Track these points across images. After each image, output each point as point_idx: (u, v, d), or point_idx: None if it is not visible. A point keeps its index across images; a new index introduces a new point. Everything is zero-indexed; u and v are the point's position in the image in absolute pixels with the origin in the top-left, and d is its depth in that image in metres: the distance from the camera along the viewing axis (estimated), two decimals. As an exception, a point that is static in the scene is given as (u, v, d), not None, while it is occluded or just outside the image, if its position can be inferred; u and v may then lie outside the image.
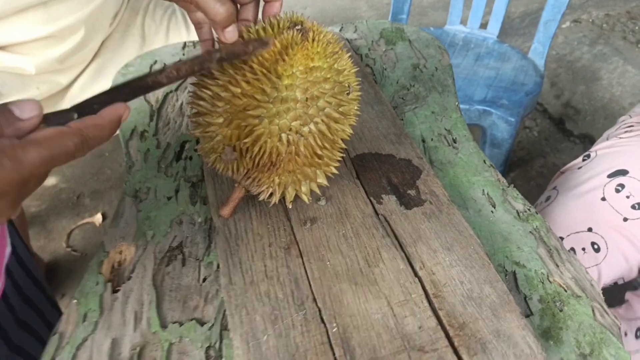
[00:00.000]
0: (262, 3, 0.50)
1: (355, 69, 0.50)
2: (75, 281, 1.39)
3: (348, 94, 0.47)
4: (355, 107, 0.49)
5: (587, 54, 1.93)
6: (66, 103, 1.15)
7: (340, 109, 0.47)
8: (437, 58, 0.80)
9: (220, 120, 0.46)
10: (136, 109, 0.71)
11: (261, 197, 0.51)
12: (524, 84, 1.23)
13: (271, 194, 0.51)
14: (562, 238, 0.77)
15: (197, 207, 0.57)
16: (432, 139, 0.65)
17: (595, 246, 0.75)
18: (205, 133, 0.47)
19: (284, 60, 0.44)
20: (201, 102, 0.47)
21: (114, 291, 0.50)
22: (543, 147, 1.80)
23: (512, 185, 0.59)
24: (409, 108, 0.70)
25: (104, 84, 1.16)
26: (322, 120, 0.46)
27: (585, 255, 0.76)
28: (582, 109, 1.82)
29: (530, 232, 0.54)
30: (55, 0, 1.00)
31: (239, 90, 0.44)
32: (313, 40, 0.46)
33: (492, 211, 0.56)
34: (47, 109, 0.34)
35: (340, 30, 0.87)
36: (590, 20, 2.05)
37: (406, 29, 0.86)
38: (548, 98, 1.89)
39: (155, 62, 0.80)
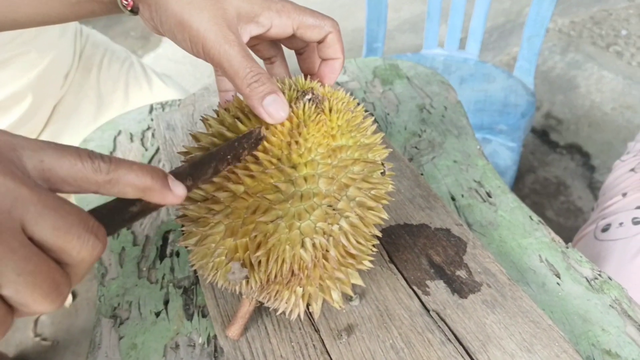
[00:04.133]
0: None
1: (382, 135, 0.39)
2: (48, 375, 1.22)
3: (383, 173, 0.37)
4: (390, 186, 0.39)
5: (560, 62, 1.90)
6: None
7: (373, 193, 0.37)
8: (443, 95, 0.71)
9: (221, 228, 0.34)
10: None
11: (280, 311, 0.39)
12: (517, 105, 1.16)
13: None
14: None
15: (195, 323, 0.45)
16: (462, 195, 0.55)
17: None
18: (201, 245, 0.35)
19: (297, 143, 0.34)
20: (191, 207, 0.35)
21: None
22: (531, 161, 1.75)
23: (570, 243, 0.50)
24: (427, 159, 0.60)
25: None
26: (355, 213, 0.35)
27: None
28: (564, 118, 1.78)
29: (610, 305, 0.44)
30: (-6, 68, 0.87)
31: (242, 189, 0.33)
32: (331, 110, 0.35)
33: (558, 283, 0.46)
34: None
35: (327, 72, 0.77)
36: (557, 28, 2.04)
37: (401, 64, 0.78)
38: (528, 111, 1.84)
39: (120, 132, 0.68)
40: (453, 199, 0.55)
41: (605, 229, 0.64)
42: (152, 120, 0.70)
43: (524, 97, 1.19)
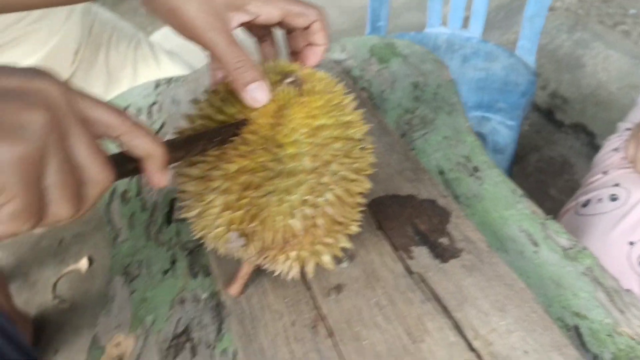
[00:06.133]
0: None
1: (362, 111, 0.43)
2: (68, 334, 1.28)
3: (362, 148, 0.40)
4: (371, 159, 0.42)
5: (567, 41, 1.89)
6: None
7: (355, 166, 0.40)
8: (437, 73, 0.73)
9: (218, 202, 0.38)
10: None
11: (276, 273, 0.43)
12: (518, 84, 1.18)
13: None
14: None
15: (200, 280, 0.49)
16: (450, 170, 0.59)
17: None
18: (202, 218, 0.39)
19: (281, 124, 0.37)
20: (189, 183, 0.39)
21: (113, 400, 0.42)
22: (536, 140, 1.76)
23: (552, 216, 0.53)
24: (419, 135, 0.63)
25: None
26: (339, 185, 0.39)
27: None
28: (570, 98, 1.79)
29: (583, 273, 0.48)
30: (8, 45, 0.90)
31: (235, 167, 0.37)
32: (311, 92, 0.38)
33: (535, 251, 0.50)
34: None
35: (328, 50, 0.80)
36: (565, 7, 2.02)
37: (397, 43, 0.80)
38: (533, 90, 1.85)
39: (129, 105, 0.72)
40: (441, 172, 0.58)
41: (585, 204, 0.67)
42: (158, 95, 0.73)
43: (525, 76, 1.20)
